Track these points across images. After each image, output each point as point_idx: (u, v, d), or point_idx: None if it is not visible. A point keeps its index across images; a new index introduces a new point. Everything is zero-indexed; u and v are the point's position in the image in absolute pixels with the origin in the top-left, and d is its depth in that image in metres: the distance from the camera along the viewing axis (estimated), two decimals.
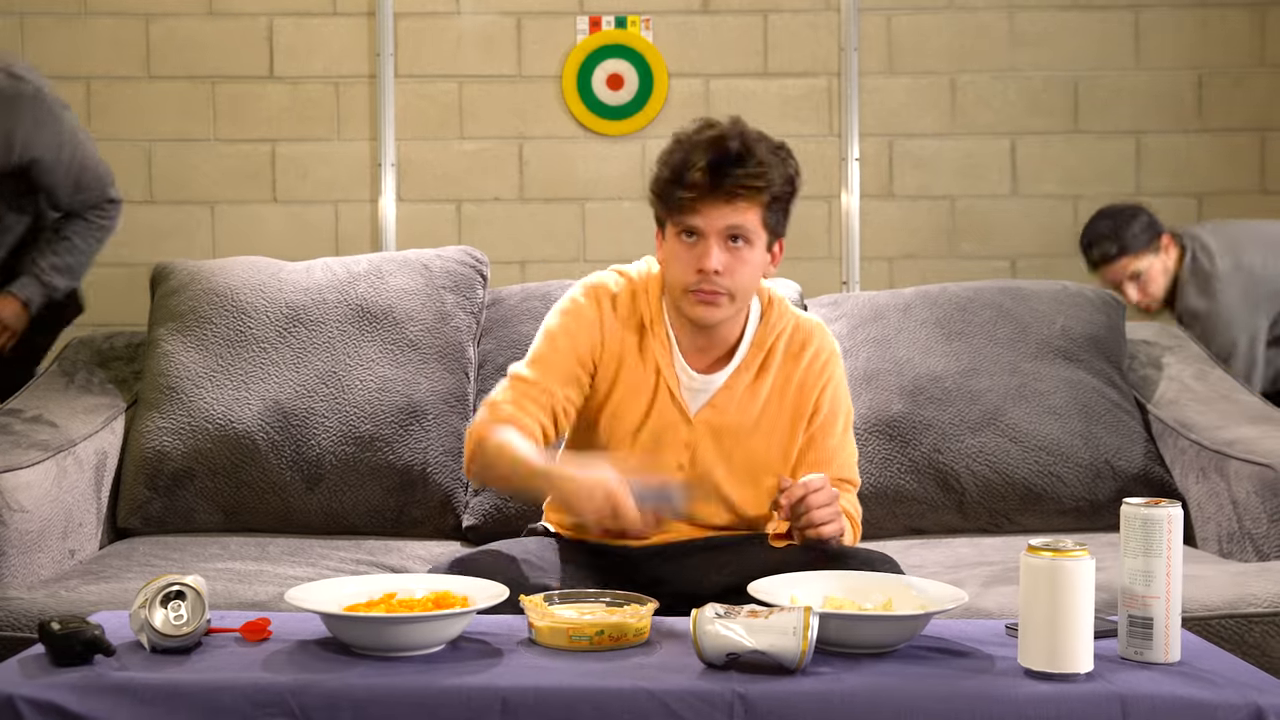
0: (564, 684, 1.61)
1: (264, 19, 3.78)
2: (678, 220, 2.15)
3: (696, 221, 2.13)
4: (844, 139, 3.80)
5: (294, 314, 2.91)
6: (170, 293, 2.98)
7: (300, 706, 1.58)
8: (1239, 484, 2.58)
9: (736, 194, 2.12)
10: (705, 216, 2.13)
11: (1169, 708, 1.57)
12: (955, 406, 2.84)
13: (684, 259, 2.15)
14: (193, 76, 3.78)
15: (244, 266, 3.01)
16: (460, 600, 1.81)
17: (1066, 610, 1.63)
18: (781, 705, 1.58)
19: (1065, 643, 1.63)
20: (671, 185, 2.14)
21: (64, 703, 1.57)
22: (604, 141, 3.80)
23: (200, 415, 2.81)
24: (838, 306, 3.06)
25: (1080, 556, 1.64)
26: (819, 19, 3.81)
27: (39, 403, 2.84)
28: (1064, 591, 1.63)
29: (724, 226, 2.13)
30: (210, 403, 2.82)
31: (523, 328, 2.92)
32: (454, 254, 3.08)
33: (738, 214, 2.13)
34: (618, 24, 3.80)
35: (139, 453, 2.81)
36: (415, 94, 3.80)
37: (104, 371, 3.01)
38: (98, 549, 2.72)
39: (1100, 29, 3.82)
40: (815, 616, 1.66)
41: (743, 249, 2.15)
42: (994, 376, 2.88)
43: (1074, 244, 3.81)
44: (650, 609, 1.82)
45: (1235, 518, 2.58)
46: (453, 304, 2.97)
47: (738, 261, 2.14)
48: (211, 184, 3.79)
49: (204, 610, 1.75)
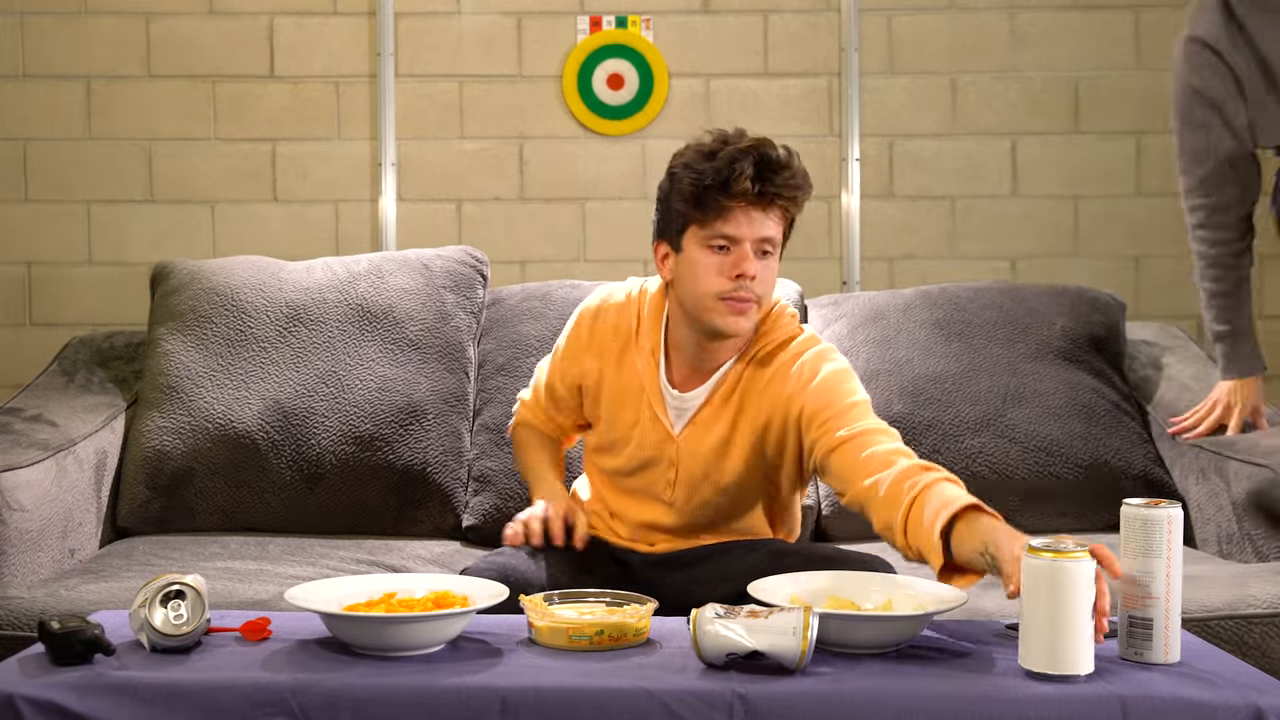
0: (564, 684, 1.61)
1: (264, 18, 3.78)
2: (713, 228, 2.13)
3: (736, 229, 2.12)
4: (844, 139, 3.80)
5: (294, 314, 2.91)
6: (170, 292, 2.98)
7: (300, 706, 1.58)
8: (1238, 485, 2.58)
9: (776, 202, 2.12)
10: (746, 224, 2.12)
11: (1169, 708, 1.57)
12: (955, 407, 2.85)
13: (716, 267, 2.13)
14: (193, 76, 3.78)
15: (244, 266, 3.01)
16: (460, 600, 1.81)
17: (1067, 611, 1.62)
18: (781, 705, 1.58)
19: (1066, 644, 1.62)
20: (714, 191, 2.11)
21: (64, 702, 1.58)
22: (604, 141, 3.79)
23: (200, 415, 2.81)
24: (838, 307, 3.06)
25: (1080, 558, 1.63)
26: (819, 19, 3.81)
27: (39, 402, 2.84)
28: (1065, 592, 1.63)
29: (760, 235, 2.13)
30: (210, 402, 2.82)
31: (522, 328, 2.92)
32: (454, 254, 3.08)
33: (772, 224, 2.14)
34: (618, 24, 3.80)
35: (139, 452, 2.81)
36: (415, 94, 3.79)
37: (104, 371, 3.01)
38: (98, 548, 2.73)
39: (1101, 29, 3.82)
40: (815, 617, 1.66)
41: (769, 258, 2.17)
42: (994, 377, 2.88)
43: (1074, 244, 3.81)
44: (650, 609, 1.82)
45: (1235, 518, 2.58)
46: (453, 304, 2.97)
47: (766, 270, 2.16)
48: (212, 183, 3.78)
49: (204, 610, 1.75)
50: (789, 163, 2.13)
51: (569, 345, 2.37)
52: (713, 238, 2.13)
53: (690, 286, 2.16)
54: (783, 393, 2.18)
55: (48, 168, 3.79)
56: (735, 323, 2.15)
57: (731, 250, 2.13)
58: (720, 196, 2.10)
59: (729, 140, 2.14)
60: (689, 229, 2.16)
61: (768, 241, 2.14)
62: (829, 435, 2.10)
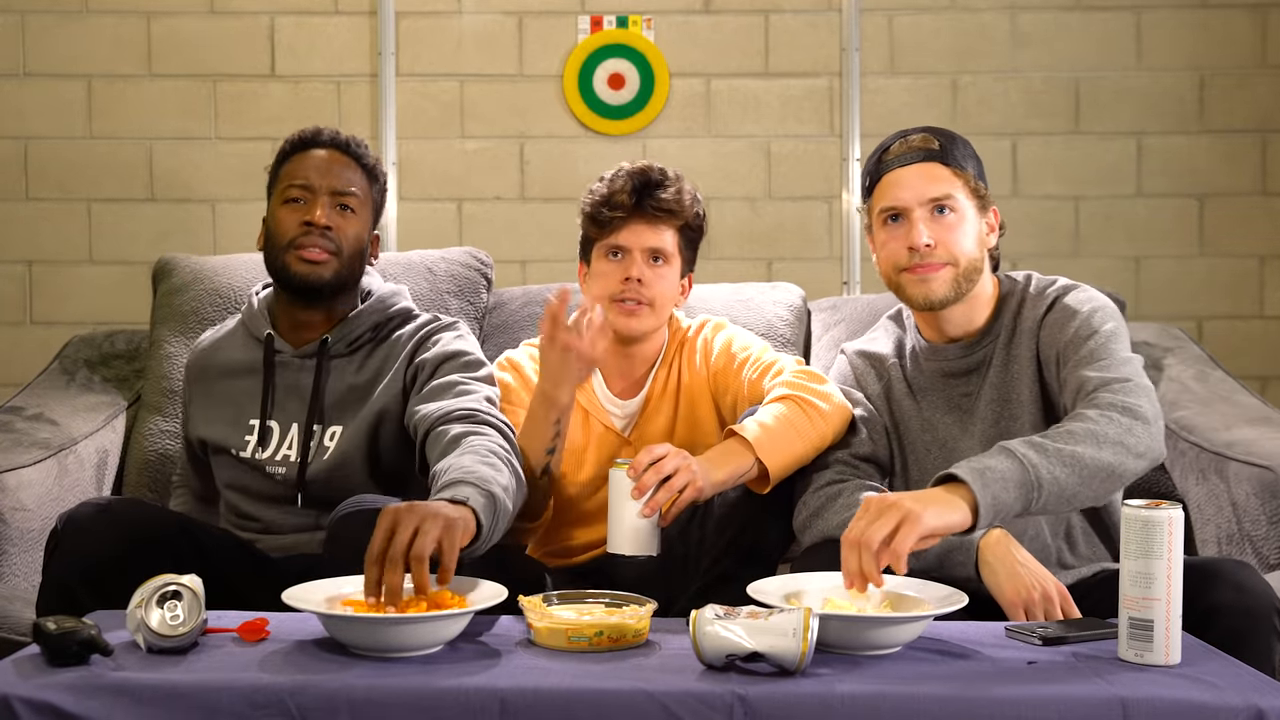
0: (563, 685, 1.61)
1: (265, 18, 3.78)
2: (606, 241, 2.44)
3: (625, 240, 2.42)
4: (845, 139, 3.80)
5: None
6: (172, 291, 2.97)
7: (298, 707, 1.58)
8: (1239, 486, 2.57)
9: (659, 215, 2.42)
10: (633, 235, 2.42)
11: (1170, 710, 1.57)
12: None
13: (610, 272, 2.43)
14: (194, 75, 3.78)
15: (247, 265, 3.01)
16: (458, 601, 1.80)
17: (617, 507, 2.15)
18: (781, 707, 1.57)
19: (622, 530, 2.14)
20: (600, 207, 2.43)
21: (60, 703, 1.57)
22: (605, 141, 3.80)
23: None
24: (836, 311, 3.06)
25: (620, 468, 2.13)
26: (820, 19, 3.81)
27: (40, 401, 2.84)
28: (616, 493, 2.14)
29: (648, 246, 2.43)
30: None
31: (523, 334, 2.92)
32: (458, 255, 3.07)
33: (661, 235, 2.43)
34: (619, 24, 3.80)
35: (141, 455, 2.81)
36: (416, 93, 3.79)
37: (105, 370, 3.00)
38: None
39: (1102, 30, 3.82)
40: (815, 618, 1.66)
41: (661, 266, 2.44)
42: None
43: (1074, 244, 3.81)
44: (649, 610, 1.82)
45: (1235, 519, 2.58)
46: (456, 308, 2.97)
47: (658, 277, 2.44)
48: (212, 183, 3.79)
49: (200, 610, 1.74)
50: (668, 182, 2.44)
51: (510, 393, 2.47)
52: (607, 249, 2.45)
53: (594, 292, 2.46)
54: (703, 373, 2.50)
55: (49, 166, 3.79)
56: (626, 323, 2.43)
57: (623, 258, 2.43)
58: (606, 210, 2.43)
59: (623, 167, 2.46)
60: (593, 245, 2.48)
61: (658, 251, 2.44)
62: (741, 383, 2.44)
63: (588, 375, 2.39)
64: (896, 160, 2.27)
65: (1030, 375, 2.23)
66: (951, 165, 2.25)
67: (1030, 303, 2.29)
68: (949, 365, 2.30)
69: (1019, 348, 2.25)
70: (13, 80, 3.78)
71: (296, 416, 2.41)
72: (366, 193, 2.46)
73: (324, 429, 2.39)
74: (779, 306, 2.98)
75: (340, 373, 2.42)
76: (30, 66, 3.78)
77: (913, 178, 2.25)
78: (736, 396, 2.44)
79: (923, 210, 2.23)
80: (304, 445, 2.38)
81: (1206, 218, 3.83)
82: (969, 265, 2.24)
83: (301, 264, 2.38)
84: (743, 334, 2.54)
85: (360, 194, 2.44)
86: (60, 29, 3.78)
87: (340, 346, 2.43)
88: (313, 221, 2.37)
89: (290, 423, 2.41)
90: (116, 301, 3.76)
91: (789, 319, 2.97)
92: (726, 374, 2.46)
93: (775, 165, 3.83)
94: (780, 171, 3.82)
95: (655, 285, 2.43)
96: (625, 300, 2.42)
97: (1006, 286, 2.34)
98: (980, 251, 2.27)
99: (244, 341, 2.49)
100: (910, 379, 2.34)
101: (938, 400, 2.30)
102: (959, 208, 2.24)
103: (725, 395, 2.47)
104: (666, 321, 2.53)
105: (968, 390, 2.28)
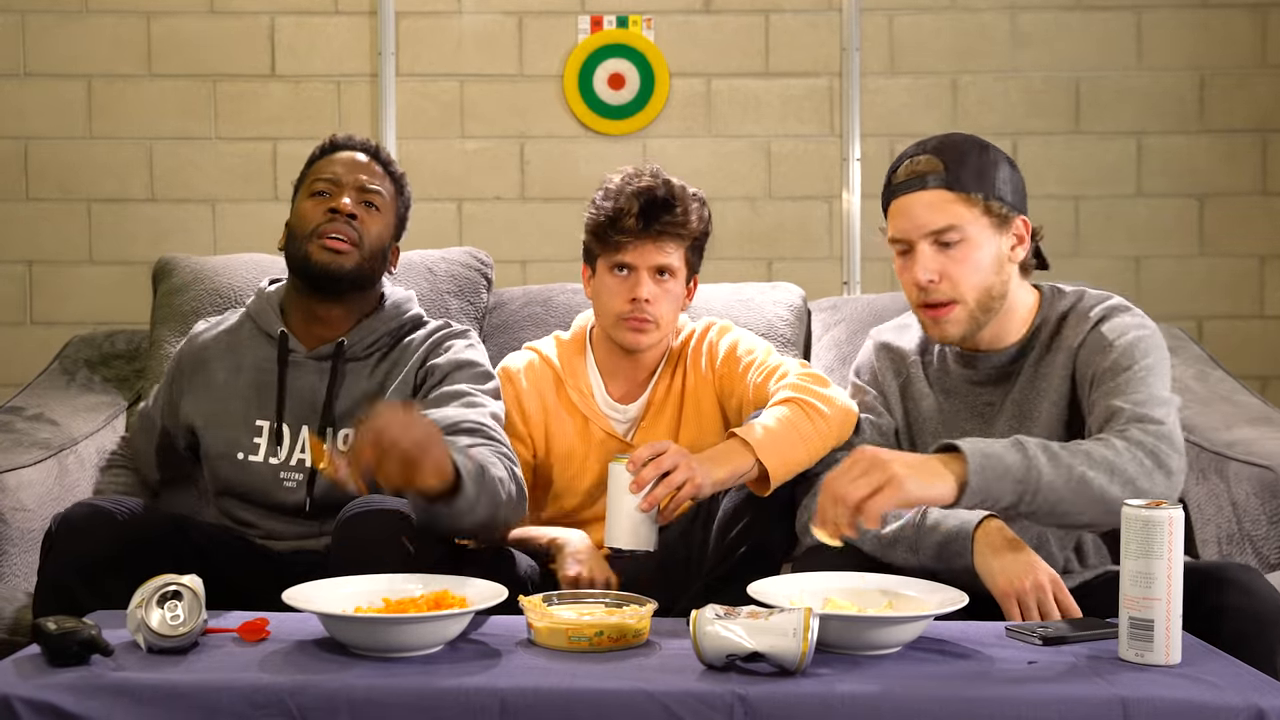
0: (563, 685, 1.61)
1: (265, 17, 3.78)
2: (612, 258, 2.43)
3: (632, 259, 2.42)
4: (845, 139, 3.80)
5: None
6: (173, 291, 2.97)
7: (298, 707, 1.58)
8: (1239, 486, 2.57)
9: (666, 234, 2.41)
10: (639, 254, 2.41)
11: (1170, 710, 1.57)
12: None
13: (617, 289, 2.43)
14: (194, 75, 3.78)
15: (247, 266, 3.00)
16: (459, 600, 1.80)
17: (616, 500, 2.14)
18: (782, 707, 1.57)
19: (620, 524, 2.14)
20: (606, 228, 2.42)
21: (60, 703, 1.57)
22: (605, 141, 3.79)
23: None
24: (837, 311, 3.06)
25: (620, 461, 2.14)
26: (820, 19, 3.81)
27: (40, 401, 2.84)
28: (615, 486, 2.14)
29: (655, 264, 2.42)
30: None
31: (523, 334, 2.91)
32: (458, 256, 3.07)
33: (666, 253, 2.42)
34: (619, 23, 3.80)
35: None
36: (416, 93, 3.79)
37: (105, 370, 3.00)
38: None
39: (1102, 29, 3.82)
40: (815, 618, 1.66)
41: (668, 281, 2.44)
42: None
43: (1074, 245, 3.81)
44: (650, 609, 1.82)
45: (1235, 519, 2.58)
46: (456, 309, 2.96)
47: (665, 294, 2.44)
48: (213, 182, 3.78)
49: (200, 610, 1.74)
50: (675, 201, 2.41)
51: (511, 408, 2.49)
52: (612, 265, 2.44)
53: (600, 305, 2.48)
54: (708, 377, 2.51)
55: (49, 166, 3.79)
56: (634, 339, 2.45)
57: (629, 275, 2.43)
58: (612, 232, 2.41)
59: (629, 180, 2.43)
60: (598, 256, 2.48)
61: (664, 268, 2.43)
62: (746, 386, 2.44)
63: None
64: (902, 187, 2.20)
65: (1058, 393, 2.18)
66: (957, 189, 2.15)
67: (1073, 321, 2.22)
68: (976, 374, 2.27)
69: (1051, 365, 2.20)
70: (13, 80, 3.78)
71: (307, 420, 2.39)
72: (392, 198, 2.49)
73: (335, 435, 2.38)
74: (779, 306, 2.98)
75: (354, 377, 2.41)
76: (30, 66, 3.78)
77: (915, 208, 2.17)
78: (742, 400, 2.45)
79: (926, 243, 2.16)
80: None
81: (1206, 217, 3.83)
82: (981, 298, 2.17)
83: (324, 252, 2.38)
84: (747, 337, 2.55)
85: (386, 196, 2.47)
86: (60, 29, 3.77)
87: (358, 350, 2.42)
88: (338, 209, 2.39)
89: (299, 426, 2.40)
90: (116, 301, 3.76)
91: (789, 319, 2.97)
92: (732, 378, 2.48)
93: (775, 165, 3.83)
94: (780, 171, 3.82)
95: (662, 302, 2.44)
96: (635, 319, 2.43)
97: (1049, 301, 2.26)
98: (999, 275, 2.18)
99: (251, 336, 2.48)
100: (935, 379, 2.30)
101: (960, 405, 2.27)
102: (967, 236, 2.15)
103: (730, 399, 2.49)
104: (673, 328, 2.54)
105: (991, 400, 2.25)
